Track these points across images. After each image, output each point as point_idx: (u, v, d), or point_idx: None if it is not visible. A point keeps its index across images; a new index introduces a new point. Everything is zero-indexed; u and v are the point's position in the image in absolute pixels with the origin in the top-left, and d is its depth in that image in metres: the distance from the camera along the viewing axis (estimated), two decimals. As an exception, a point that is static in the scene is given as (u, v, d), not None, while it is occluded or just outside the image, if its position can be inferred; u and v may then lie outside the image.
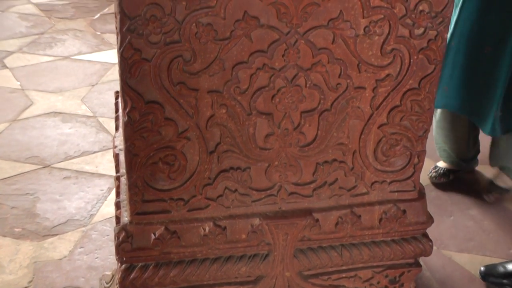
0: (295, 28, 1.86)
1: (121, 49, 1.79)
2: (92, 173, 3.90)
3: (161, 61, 1.83)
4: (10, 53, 5.46)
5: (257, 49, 1.87)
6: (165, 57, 1.83)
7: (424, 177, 3.66)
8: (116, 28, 1.81)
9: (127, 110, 1.87)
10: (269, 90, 1.93)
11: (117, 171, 2.36)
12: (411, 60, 1.99)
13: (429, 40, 1.99)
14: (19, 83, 4.99)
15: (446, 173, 3.59)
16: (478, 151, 3.51)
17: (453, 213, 3.52)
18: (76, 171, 3.91)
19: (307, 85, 1.94)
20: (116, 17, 1.79)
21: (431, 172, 3.60)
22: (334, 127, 2.03)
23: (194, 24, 1.81)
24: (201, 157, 1.98)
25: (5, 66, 5.23)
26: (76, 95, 4.82)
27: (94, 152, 4.12)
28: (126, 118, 1.88)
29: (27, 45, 5.63)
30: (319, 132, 2.02)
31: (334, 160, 2.08)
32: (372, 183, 2.16)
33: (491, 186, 3.76)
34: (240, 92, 1.91)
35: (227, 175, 2.03)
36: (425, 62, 2.01)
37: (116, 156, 2.40)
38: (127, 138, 1.91)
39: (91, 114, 4.55)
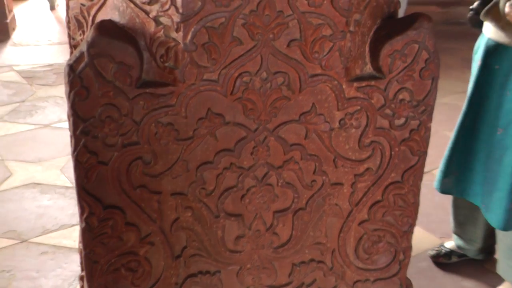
0: (263, 125, 1.72)
1: (75, 152, 1.64)
2: (70, 248, 3.74)
3: (120, 164, 1.68)
4: (-10, 122, 5.34)
5: (223, 148, 1.73)
6: (123, 160, 1.68)
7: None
8: (69, 130, 1.65)
9: (85, 216, 1.71)
10: (237, 191, 1.77)
11: (82, 269, 2.18)
12: (392, 153, 1.84)
13: (411, 130, 1.84)
14: (-2, 153, 4.84)
15: (449, 254, 3.34)
16: (494, 242, 3.22)
17: (445, 286, 3.33)
18: (54, 245, 3.74)
19: (279, 184, 1.78)
20: (68, 119, 1.63)
21: (433, 249, 3.37)
22: (310, 226, 1.86)
23: (153, 125, 1.66)
24: (167, 262, 1.82)
25: (-15, 136, 5.09)
26: (55, 165, 4.67)
27: (72, 225, 3.96)
28: (84, 224, 1.72)
29: (7, 114, 5.49)
30: (293, 232, 1.86)
31: (312, 260, 1.91)
32: (354, 283, 1.99)
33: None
34: (206, 194, 1.76)
35: (195, 280, 1.86)
36: (407, 153, 1.86)
37: (81, 253, 2.22)
38: (86, 245, 1.75)
39: (70, 185, 4.40)
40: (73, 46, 1.83)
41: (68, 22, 1.83)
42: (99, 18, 1.73)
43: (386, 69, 1.76)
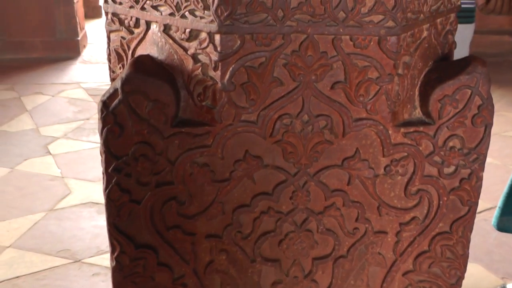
0: (304, 169, 1.62)
1: (107, 190, 1.58)
2: (124, 271, 3.68)
3: (153, 204, 1.61)
4: (55, 139, 5.38)
5: (261, 192, 1.64)
6: (157, 200, 1.61)
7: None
8: (102, 167, 1.59)
9: (115, 254, 1.65)
10: (275, 236, 1.68)
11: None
12: (441, 202, 1.72)
13: (461, 180, 1.72)
14: (59, 170, 4.88)
15: None
16: None
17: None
18: (106, 267, 3.70)
19: (319, 230, 1.69)
20: (101, 155, 1.57)
21: None
22: (351, 274, 1.75)
23: (188, 165, 1.59)
24: (200, 306, 1.73)
25: (48, 153, 5.14)
26: (114, 186, 4.66)
27: (127, 248, 3.91)
28: (115, 263, 1.65)
29: (72, 131, 5.54)
30: (333, 280, 1.75)
31: (353, 310, 1.79)
32: (398, 335, 1.85)
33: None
34: (242, 238, 1.67)
35: (230, 325, 1.76)
36: (457, 203, 1.73)
37: None
38: (116, 285, 1.68)
39: (128, 206, 4.37)
40: (113, 80, 1.78)
41: (109, 55, 1.78)
42: (138, 52, 1.67)
43: (435, 114, 1.64)
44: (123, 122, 1.54)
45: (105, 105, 1.53)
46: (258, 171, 1.63)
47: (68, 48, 7.13)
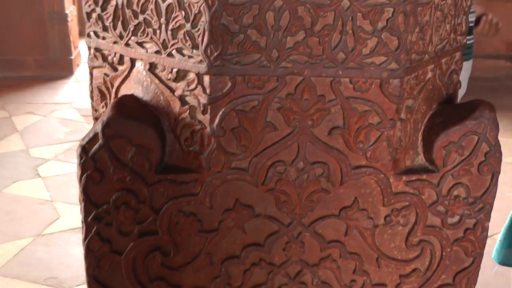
0: (298, 219, 1.49)
1: (86, 240, 1.44)
2: (111, 301, 3.53)
3: (136, 254, 1.49)
4: (45, 160, 5.24)
5: (252, 242, 1.52)
6: (140, 250, 1.49)
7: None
8: (81, 215, 1.45)
9: (95, 308, 1.49)
10: (267, 289, 1.53)
11: None
12: (444, 253, 1.59)
13: (466, 230, 1.59)
14: (49, 193, 4.73)
15: None
16: None
17: None
18: (95, 297, 3.53)
19: (314, 283, 1.57)
20: (80, 203, 1.43)
21: None
22: (348, 329, 1.60)
23: (174, 214, 1.46)
24: None
25: (38, 175, 5.00)
26: (104, 210, 4.53)
27: (116, 276, 3.77)
28: (94, 317, 1.50)
29: (63, 153, 5.39)
30: (329, 335, 1.60)
31: None
32: None
33: None
34: (231, 291, 1.52)
35: None
36: (461, 254, 1.61)
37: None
38: None
39: (118, 233, 4.23)
40: (95, 119, 1.64)
41: (91, 92, 1.65)
42: (123, 91, 1.55)
43: (440, 162, 1.51)
44: (103, 168, 1.41)
45: (85, 150, 1.40)
46: (249, 221, 1.50)
47: (61, 67, 6.99)
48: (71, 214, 4.41)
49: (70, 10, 7.04)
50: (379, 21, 1.39)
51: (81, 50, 7.52)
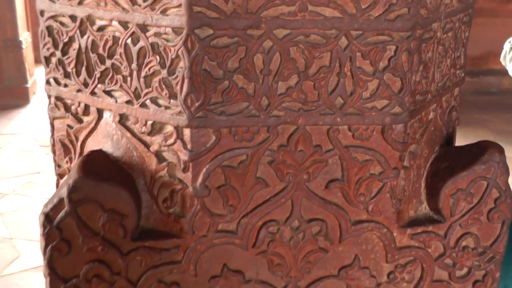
0: (294, 282, 1.32)
1: (53, 319, 1.21)
2: None
3: (111, 330, 1.24)
4: (3, 195, 4.95)
5: (245, 310, 1.28)
6: (115, 325, 1.24)
7: None
8: (46, 291, 1.23)
9: None
10: None
11: None
12: (452, 309, 1.39)
13: (475, 282, 1.43)
14: (8, 230, 4.45)
15: None
16: None
17: None
18: None
19: None
20: (45, 277, 1.21)
21: None
22: None
23: (154, 285, 1.24)
24: None
25: (-4, 211, 4.72)
26: (67, 247, 4.27)
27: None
28: None
29: (21, 186, 5.11)
30: None
31: None
32: None
33: None
34: None
35: None
36: (470, 309, 1.41)
37: None
38: None
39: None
40: (59, 175, 1.42)
41: (53, 145, 1.44)
42: (89, 145, 1.33)
43: (447, 211, 1.34)
44: (71, 238, 1.21)
45: (48, 219, 1.19)
46: (239, 287, 1.28)
47: (17, 96, 6.68)
48: (32, 252, 4.14)
49: (25, 37, 6.75)
50: (381, 60, 1.21)
51: (37, 77, 7.22)
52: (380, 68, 1.22)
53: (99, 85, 1.29)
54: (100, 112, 1.31)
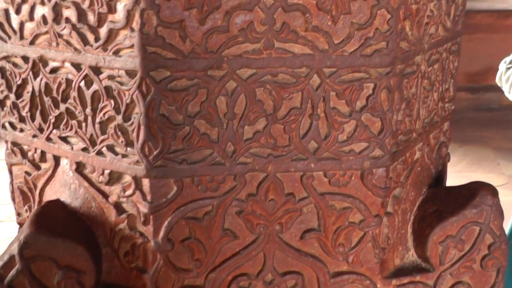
0: None
1: None
2: None
3: None
4: None
5: None
6: None
7: None
8: None
9: None
10: None
11: None
12: None
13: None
14: (5, 258, 4.30)
15: None
16: None
17: None
18: None
19: None
20: None
21: None
22: None
23: None
24: None
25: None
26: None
27: None
28: None
29: (19, 211, 4.97)
30: None
31: None
32: None
33: None
34: None
35: None
36: None
37: None
38: None
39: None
40: (19, 224, 1.30)
41: (12, 192, 1.31)
42: (47, 193, 1.22)
43: (436, 260, 1.22)
44: (23, 298, 1.06)
45: (-2, 278, 1.05)
46: None
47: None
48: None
49: None
50: (358, 100, 1.08)
51: None
52: (357, 108, 1.09)
53: (54, 131, 1.16)
54: (57, 159, 1.19)
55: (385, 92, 1.10)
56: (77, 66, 1.10)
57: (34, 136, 1.21)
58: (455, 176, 4.43)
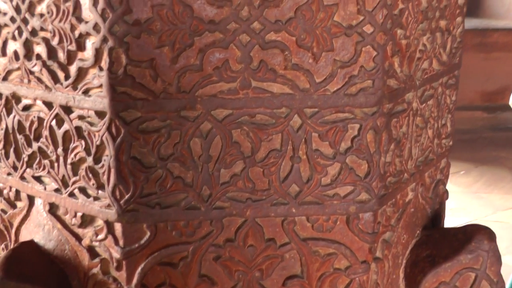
0: None
1: None
2: None
3: None
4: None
5: None
6: None
7: None
8: None
9: None
10: None
11: None
12: None
13: None
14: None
15: None
16: None
17: None
18: None
19: None
20: None
21: None
22: None
23: None
24: None
25: None
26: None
27: None
28: None
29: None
30: None
31: None
32: None
33: None
34: None
35: None
36: None
37: None
38: None
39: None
40: (-4, 263, 1.22)
41: (-11, 231, 1.24)
42: (23, 233, 1.15)
43: (429, 307, 1.10)
44: None
45: (-38, 328, 0.98)
46: None
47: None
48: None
49: None
50: (342, 141, 1.00)
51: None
52: (341, 150, 1.01)
53: (28, 170, 1.09)
54: (31, 199, 1.12)
55: (371, 133, 1.02)
56: (48, 105, 1.03)
57: (9, 174, 1.14)
58: (471, 197, 4.31)
